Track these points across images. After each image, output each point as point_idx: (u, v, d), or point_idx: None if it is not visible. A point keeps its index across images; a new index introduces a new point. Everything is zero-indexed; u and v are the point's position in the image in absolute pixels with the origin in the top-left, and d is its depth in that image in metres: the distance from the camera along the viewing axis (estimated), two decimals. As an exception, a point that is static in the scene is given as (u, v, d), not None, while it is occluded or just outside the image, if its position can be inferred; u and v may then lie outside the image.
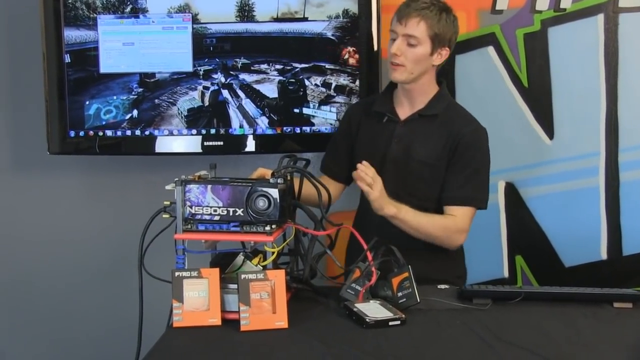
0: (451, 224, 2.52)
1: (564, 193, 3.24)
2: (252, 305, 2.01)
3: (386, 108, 2.63)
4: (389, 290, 2.18)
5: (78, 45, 3.16)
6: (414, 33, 2.46)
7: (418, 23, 2.46)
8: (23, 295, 3.60)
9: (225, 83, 3.14)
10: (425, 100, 2.59)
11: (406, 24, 2.46)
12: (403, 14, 2.48)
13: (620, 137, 3.20)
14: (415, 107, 2.60)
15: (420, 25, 2.46)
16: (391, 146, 2.59)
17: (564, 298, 2.25)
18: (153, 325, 2.17)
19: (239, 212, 2.09)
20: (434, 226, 2.49)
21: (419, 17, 2.46)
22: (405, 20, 2.46)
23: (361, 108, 2.76)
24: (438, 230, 2.50)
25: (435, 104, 2.59)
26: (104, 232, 3.52)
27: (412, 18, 2.46)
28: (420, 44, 2.47)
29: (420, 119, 2.58)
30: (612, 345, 1.94)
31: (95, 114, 3.18)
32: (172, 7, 3.11)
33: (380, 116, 2.63)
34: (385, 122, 2.62)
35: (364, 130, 2.67)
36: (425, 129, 2.57)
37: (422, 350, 1.89)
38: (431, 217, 2.50)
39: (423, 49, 2.48)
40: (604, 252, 3.26)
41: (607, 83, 3.18)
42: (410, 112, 2.60)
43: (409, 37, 2.47)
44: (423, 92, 2.59)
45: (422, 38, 2.47)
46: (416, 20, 2.46)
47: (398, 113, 2.62)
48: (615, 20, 3.15)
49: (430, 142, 2.56)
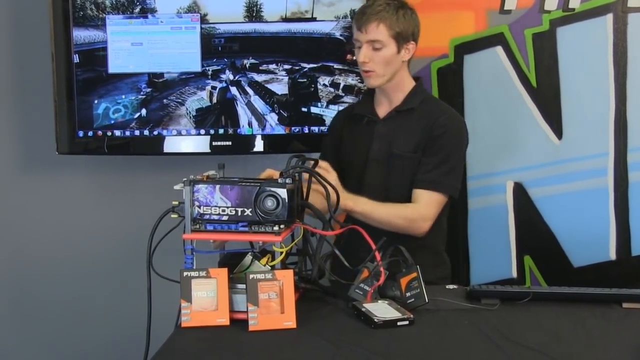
0: (411, 213, 2.53)
1: (573, 193, 3.24)
2: (261, 305, 2.01)
3: (366, 110, 2.70)
4: (397, 290, 2.17)
5: (87, 46, 3.17)
6: (376, 37, 2.51)
7: (377, 26, 2.51)
8: (31, 294, 3.61)
9: (234, 80, 3.14)
10: (402, 97, 2.65)
11: (366, 31, 2.51)
12: (361, 22, 2.52)
13: (629, 137, 3.19)
14: (393, 104, 2.66)
15: (380, 28, 2.51)
16: (373, 145, 2.63)
17: (573, 298, 2.24)
18: (161, 325, 2.17)
19: (247, 212, 2.09)
20: (394, 216, 2.50)
21: (377, 20, 2.50)
22: (365, 27, 2.51)
23: (344, 114, 2.83)
24: (398, 219, 2.51)
25: (412, 98, 2.64)
26: (113, 232, 3.53)
27: (370, 23, 2.50)
28: (385, 46, 2.52)
29: (398, 115, 2.63)
30: (621, 346, 1.93)
31: (104, 114, 3.19)
32: (181, 8, 3.12)
33: (361, 118, 2.70)
34: (366, 123, 2.68)
35: (347, 134, 2.74)
36: (404, 124, 2.62)
37: (430, 351, 1.89)
38: (391, 207, 2.52)
39: (389, 50, 2.53)
40: (613, 253, 3.25)
41: (615, 83, 3.17)
42: (389, 110, 2.66)
43: (373, 42, 2.52)
44: (399, 89, 2.64)
45: (385, 40, 2.52)
46: (375, 25, 2.50)
47: (378, 112, 2.67)
48: (624, 20, 3.15)
49: (409, 136, 2.60)
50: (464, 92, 3.24)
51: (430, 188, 2.55)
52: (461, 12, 3.22)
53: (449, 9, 3.22)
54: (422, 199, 2.55)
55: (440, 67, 3.25)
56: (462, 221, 3.31)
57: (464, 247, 3.33)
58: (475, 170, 3.27)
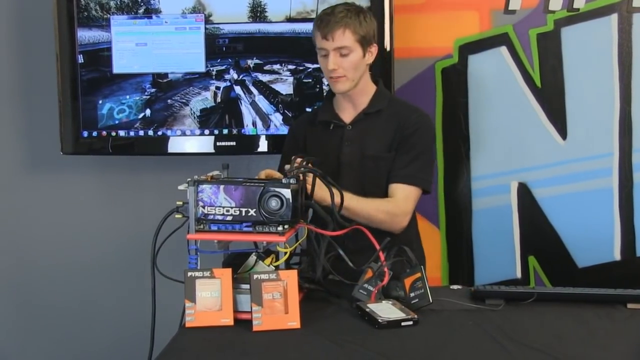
0: (393, 207, 2.54)
1: (577, 194, 3.23)
2: (265, 305, 2.01)
3: (330, 115, 2.69)
4: (401, 290, 2.17)
5: (91, 46, 3.17)
6: (343, 44, 2.52)
7: (344, 33, 2.52)
8: (35, 293, 3.61)
9: (238, 79, 3.14)
10: (367, 100, 2.66)
11: (333, 38, 2.52)
12: (326, 30, 2.53)
13: (634, 137, 3.19)
14: (358, 109, 2.66)
15: (346, 34, 2.52)
16: (343, 150, 2.63)
17: (577, 299, 2.24)
18: (166, 325, 2.17)
19: (251, 212, 2.09)
20: (376, 210, 2.49)
21: (342, 27, 2.52)
22: (331, 35, 2.52)
23: (304, 122, 2.82)
24: (381, 213, 2.50)
25: (378, 100, 2.66)
26: (117, 232, 3.53)
27: (336, 30, 2.51)
28: (352, 52, 2.54)
29: (366, 118, 2.64)
30: (625, 346, 1.93)
31: (108, 114, 3.20)
32: (185, 8, 3.12)
33: (326, 124, 2.69)
34: (332, 129, 2.68)
35: (311, 141, 2.72)
36: (373, 125, 2.63)
37: (434, 351, 1.89)
38: (372, 201, 2.52)
39: (356, 55, 2.55)
40: (618, 253, 3.25)
41: (620, 83, 3.17)
42: (354, 114, 2.66)
43: (340, 48, 2.53)
44: (364, 93, 2.66)
45: (352, 45, 2.54)
46: (341, 31, 2.52)
47: (342, 118, 2.67)
48: (629, 20, 3.14)
49: (380, 137, 2.61)
50: (468, 92, 3.23)
51: (407, 182, 2.57)
52: (465, 12, 3.22)
53: (453, 9, 3.22)
54: (400, 193, 2.56)
55: (444, 68, 3.25)
56: (466, 221, 3.32)
57: (469, 247, 3.33)
58: (479, 171, 3.27)
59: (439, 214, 3.32)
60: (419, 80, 3.19)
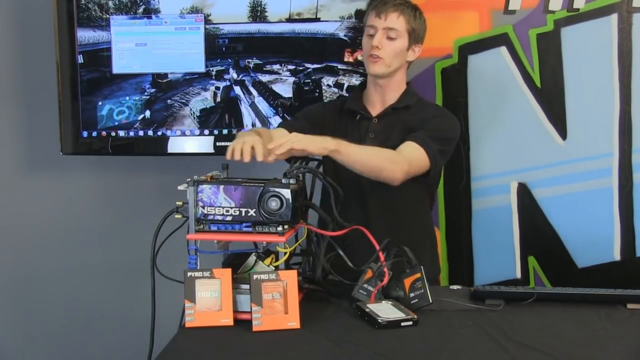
0: (395, 155, 2.45)
1: (577, 194, 3.23)
2: (264, 305, 2.01)
3: (358, 106, 2.70)
4: (401, 290, 2.17)
5: (91, 46, 3.17)
6: (394, 26, 2.56)
7: (398, 17, 2.57)
8: (35, 293, 3.61)
9: (238, 79, 3.14)
10: (397, 96, 2.68)
11: (386, 18, 2.56)
12: (382, 9, 2.58)
13: (633, 137, 3.18)
14: (386, 103, 2.67)
15: (400, 19, 2.57)
16: (365, 142, 2.62)
17: (577, 299, 2.24)
18: (165, 325, 2.18)
19: (251, 212, 2.09)
20: (378, 157, 2.43)
21: (398, 11, 2.57)
22: (385, 15, 2.56)
23: (332, 107, 2.81)
24: (384, 160, 2.42)
25: (407, 98, 2.68)
26: (117, 232, 3.53)
27: (391, 12, 2.57)
28: (399, 37, 2.58)
29: (393, 113, 2.65)
30: (625, 347, 1.93)
31: (108, 115, 3.20)
32: (185, 8, 3.12)
33: (353, 114, 2.70)
34: (358, 120, 2.69)
35: (334, 128, 2.65)
36: (400, 121, 2.64)
37: (434, 351, 1.89)
38: (374, 148, 2.50)
39: (401, 43, 2.59)
40: (617, 253, 3.25)
41: (620, 83, 3.17)
42: (382, 109, 2.67)
43: (389, 30, 2.57)
44: (395, 88, 2.67)
45: (402, 31, 2.58)
46: (396, 15, 2.57)
47: (370, 110, 2.68)
48: (629, 20, 3.14)
49: (403, 132, 2.60)
50: (468, 92, 3.23)
51: (416, 142, 2.50)
52: (465, 12, 3.22)
53: (453, 9, 3.22)
54: (404, 146, 2.50)
55: (444, 68, 3.25)
56: (466, 221, 3.31)
57: (469, 247, 3.33)
58: (479, 171, 3.27)
59: (438, 214, 3.32)
60: (418, 81, 3.18)
